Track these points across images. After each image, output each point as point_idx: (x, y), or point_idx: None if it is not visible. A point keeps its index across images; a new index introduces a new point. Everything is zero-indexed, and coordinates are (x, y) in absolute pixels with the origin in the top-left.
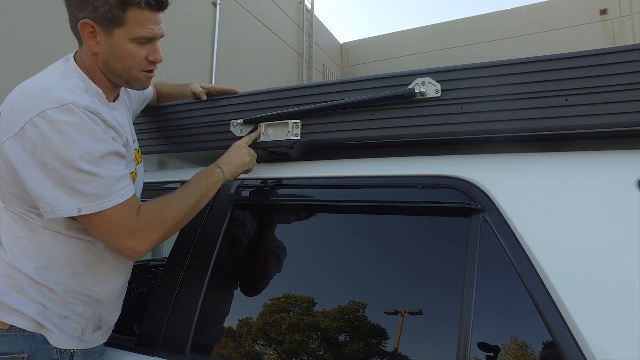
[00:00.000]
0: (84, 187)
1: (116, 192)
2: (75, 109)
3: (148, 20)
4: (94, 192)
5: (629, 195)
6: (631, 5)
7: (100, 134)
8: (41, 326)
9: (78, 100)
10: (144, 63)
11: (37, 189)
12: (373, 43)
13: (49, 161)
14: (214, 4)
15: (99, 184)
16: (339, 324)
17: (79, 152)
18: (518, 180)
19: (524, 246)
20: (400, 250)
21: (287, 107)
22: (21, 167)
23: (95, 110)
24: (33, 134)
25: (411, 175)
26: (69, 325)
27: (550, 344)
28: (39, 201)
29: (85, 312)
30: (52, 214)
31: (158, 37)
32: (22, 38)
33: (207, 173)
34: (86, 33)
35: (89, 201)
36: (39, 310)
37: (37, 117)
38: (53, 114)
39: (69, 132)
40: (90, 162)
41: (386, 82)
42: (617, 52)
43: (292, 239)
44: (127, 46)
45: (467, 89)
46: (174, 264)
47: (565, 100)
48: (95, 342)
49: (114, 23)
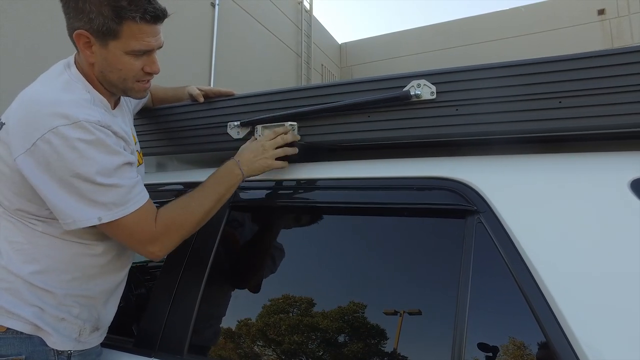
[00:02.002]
0: (102, 197)
1: (132, 199)
2: (87, 126)
3: (144, 32)
4: (112, 201)
5: (621, 197)
6: (628, 5)
7: (113, 147)
8: (38, 328)
9: (89, 116)
10: (139, 74)
11: (57, 202)
12: (371, 43)
13: (64, 176)
14: (212, 4)
15: (116, 193)
16: (334, 323)
17: (95, 167)
18: (512, 182)
19: (518, 247)
20: (395, 252)
21: (284, 109)
22: (39, 183)
23: (106, 124)
24: (46, 150)
25: (406, 177)
26: (66, 326)
27: (543, 344)
28: (59, 214)
29: (81, 313)
30: (73, 225)
31: (155, 49)
32: (20, 38)
33: (226, 173)
34: (81, 43)
35: (108, 209)
36: (35, 313)
37: (49, 133)
38: (65, 130)
39: (83, 149)
40: (106, 175)
41: (382, 84)
42: (610, 55)
43: (288, 240)
44: (122, 58)
45: (462, 90)
46: (172, 264)
47: (559, 102)
48: (92, 342)
49: (108, 35)
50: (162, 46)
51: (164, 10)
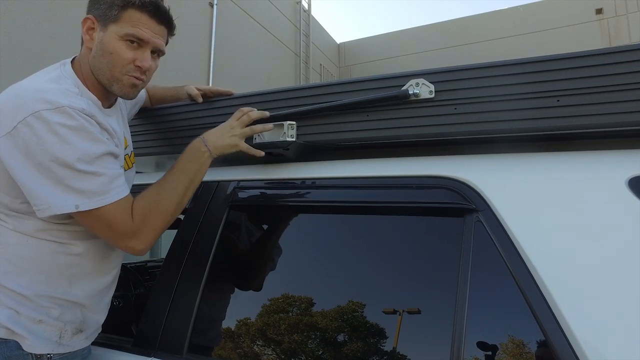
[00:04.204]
0: (81, 184)
1: (113, 189)
2: (70, 112)
3: (142, 22)
4: (91, 189)
5: (619, 195)
6: (626, 5)
7: (96, 134)
8: (12, 332)
9: (73, 103)
10: (129, 66)
11: (33, 187)
12: (370, 43)
13: (43, 160)
14: (211, 4)
15: (96, 181)
16: (333, 323)
17: (76, 153)
18: (511, 180)
19: (517, 245)
20: (394, 251)
21: (282, 109)
22: (15, 165)
23: (91, 113)
24: (26, 133)
25: (405, 176)
26: (44, 329)
27: (542, 342)
28: (34, 199)
29: (63, 315)
30: (48, 211)
31: (150, 45)
32: (18, 38)
33: (192, 152)
34: (85, 27)
35: (86, 197)
36: (10, 316)
37: (30, 116)
38: (47, 114)
39: (65, 134)
40: (87, 162)
41: (380, 84)
42: (607, 54)
43: (287, 239)
44: (115, 42)
45: (460, 89)
46: (171, 264)
47: (557, 100)
48: (76, 345)
49: (110, 19)
50: (161, 50)
51: (166, 10)
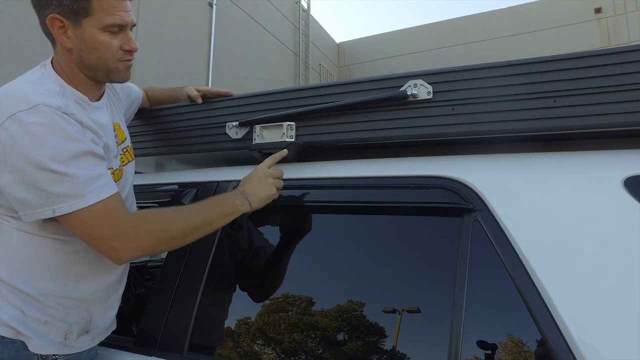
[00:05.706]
0: (55, 187)
1: (90, 191)
2: (44, 109)
3: (115, 7)
4: (65, 193)
5: (615, 195)
6: (625, 4)
7: (72, 133)
8: (18, 332)
9: (48, 101)
10: (119, 53)
11: (12, 193)
12: (369, 42)
13: (17, 163)
14: (210, 4)
15: (70, 183)
16: (332, 322)
17: (48, 152)
18: (508, 180)
19: (514, 245)
20: (393, 250)
21: (281, 109)
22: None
23: (69, 111)
24: (3, 138)
25: (403, 176)
26: (49, 330)
27: (539, 341)
28: (17, 205)
29: (68, 316)
30: (31, 217)
31: (129, 25)
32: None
33: (225, 201)
34: (55, 28)
35: (61, 202)
36: (16, 316)
37: (8, 119)
38: (23, 115)
39: (37, 133)
40: (61, 161)
41: (379, 84)
42: (604, 55)
43: (287, 239)
44: (99, 37)
45: (458, 90)
46: (172, 263)
47: (553, 101)
48: (81, 346)
49: (80, 13)
50: (135, 24)
51: None
